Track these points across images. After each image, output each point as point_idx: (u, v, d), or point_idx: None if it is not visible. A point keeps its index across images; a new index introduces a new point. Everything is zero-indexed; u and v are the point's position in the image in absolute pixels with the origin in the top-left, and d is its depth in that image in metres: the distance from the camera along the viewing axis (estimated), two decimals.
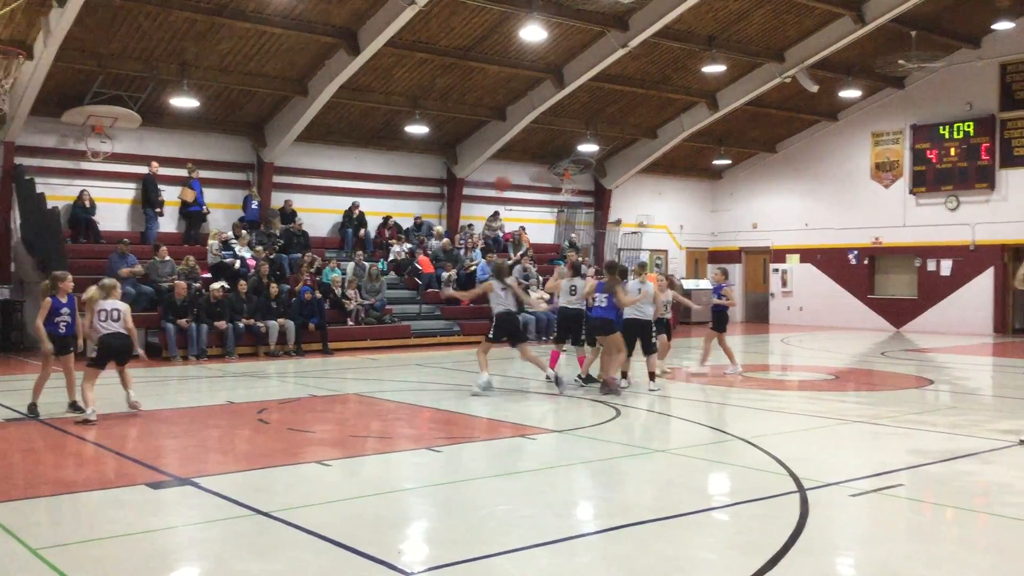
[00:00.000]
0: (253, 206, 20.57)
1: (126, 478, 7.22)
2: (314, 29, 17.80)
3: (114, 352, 9.84)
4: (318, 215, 22.06)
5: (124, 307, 9.99)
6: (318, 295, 18.09)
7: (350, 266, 20.21)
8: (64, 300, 9.96)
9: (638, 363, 12.65)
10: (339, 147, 22.51)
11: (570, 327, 12.54)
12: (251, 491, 6.54)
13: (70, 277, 10.13)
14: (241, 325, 16.87)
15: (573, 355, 13.25)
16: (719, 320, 14.28)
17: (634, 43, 19.58)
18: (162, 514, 6.16)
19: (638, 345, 12.06)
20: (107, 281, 10.14)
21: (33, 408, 9.92)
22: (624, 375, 12.13)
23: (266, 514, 5.87)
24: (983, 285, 24.29)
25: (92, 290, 9.95)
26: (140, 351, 10.43)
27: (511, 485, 6.96)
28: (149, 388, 13.03)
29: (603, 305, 11.48)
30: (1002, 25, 22.37)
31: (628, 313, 11.73)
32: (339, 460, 7.83)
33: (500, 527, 5.71)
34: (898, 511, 6.31)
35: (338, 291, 19.07)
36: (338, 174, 22.64)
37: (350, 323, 18.84)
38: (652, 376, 12.00)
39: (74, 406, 9.95)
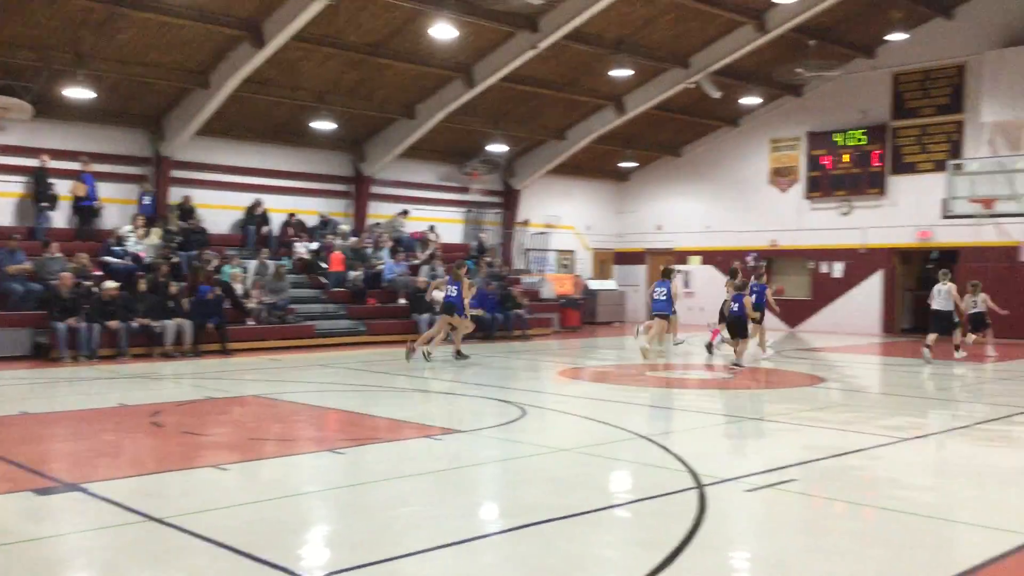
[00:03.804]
0: (145, 201, 19.91)
1: (10, 483, 6.88)
2: (217, 20, 17.34)
3: None
4: (219, 211, 21.48)
5: None
6: (219, 293, 17.62)
7: (252, 264, 19.76)
8: None
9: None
10: (242, 142, 21.96)
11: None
12: (144, 497, 6.33)
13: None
14: (135, 325, 16.33)
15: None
16: (741, 326, 15.16)
17: (543, 45, 19.72)
18: (49, 521, 5.90)
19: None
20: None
21: (460, 354, 15.09)
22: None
23: (159, 520, 5.68)
24: (873, 287, 25.28)
25: None
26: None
27: (416, 486, 6.90)
28: (37, 390, 12.50)
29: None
30: (895, 36, 23.28)
31: None
32: (237, 464, 7.64)
33: (404, 529, 5.66)
34: (791, 505, 6.50)
35: (239, 288, 18.61)
36: (240, 170, 22.07)
37: (251, 323, 18.41)
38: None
39: (459, 354, 15.13)
